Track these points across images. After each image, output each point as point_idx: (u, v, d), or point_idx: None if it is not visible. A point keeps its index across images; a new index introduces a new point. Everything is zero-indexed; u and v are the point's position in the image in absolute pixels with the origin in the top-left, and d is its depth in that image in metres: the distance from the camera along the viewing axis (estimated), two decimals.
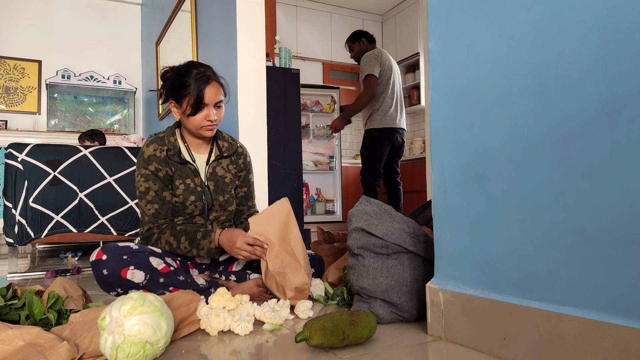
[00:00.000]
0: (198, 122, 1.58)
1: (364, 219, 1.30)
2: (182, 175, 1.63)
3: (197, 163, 1.68)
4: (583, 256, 0.84)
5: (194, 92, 1.54)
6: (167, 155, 1.61)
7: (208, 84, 1.57)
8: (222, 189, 1.68)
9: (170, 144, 1.63)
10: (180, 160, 1.63)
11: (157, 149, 1.61)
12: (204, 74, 1.58)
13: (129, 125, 5.44)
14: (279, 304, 1.35)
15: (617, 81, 0.79)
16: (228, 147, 1.74)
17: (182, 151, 1.66)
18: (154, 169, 1.58)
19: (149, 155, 1.60)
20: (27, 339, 0.94)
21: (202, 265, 1.70)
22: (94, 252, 1.44)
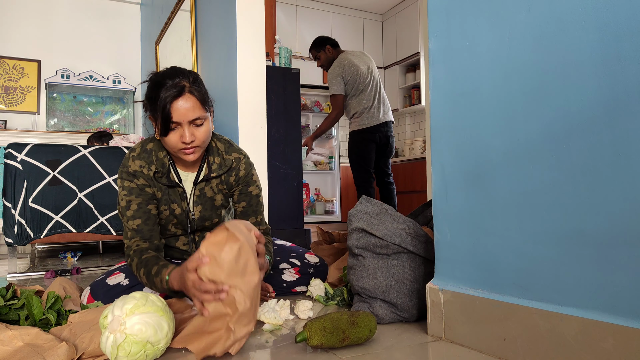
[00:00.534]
0: (173, 145, 1.30)
1: (364, 219, 1.30)
2: (168, 200, 1.42)
3: (185, 184, 1.45)
4: (583, 256, 0.84)
5: (160, 109, 1.26)
6: (154, 176, 1.38)
7: (177, 99, 1.26)
8: (210, 214, 1.49)
9: (159, 162, 1.39)
10: (168, 182, 1.40)
11: (143, 166, 1.38)
12: (177, 85, 1.27)
13: (129, 125, 5.44)
14: (279, 304, 1.35)
15: (617, 81, 0.79)
16: (219, 165, 1.45)
17: (170, 171, 1.42)
18: (140, 184, 1.37)
19: (135, 171, 1.38)
20: (26, 339, 0.94)
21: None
22: (84, 294, 1.36)
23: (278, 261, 1.66)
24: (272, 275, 1.63)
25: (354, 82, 3.40)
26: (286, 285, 1.63)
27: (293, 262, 1.66)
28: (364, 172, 3.46)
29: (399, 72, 6.10)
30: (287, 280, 1.63)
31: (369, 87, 3.43)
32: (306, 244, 3.17)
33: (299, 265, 1.65)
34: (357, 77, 3.40)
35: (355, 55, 3.49)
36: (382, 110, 3.45)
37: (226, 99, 2.65)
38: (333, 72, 3.41)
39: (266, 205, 2.55)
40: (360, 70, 3.41)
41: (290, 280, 1.63)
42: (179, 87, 1.27)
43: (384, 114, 3.45)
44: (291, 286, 1.63)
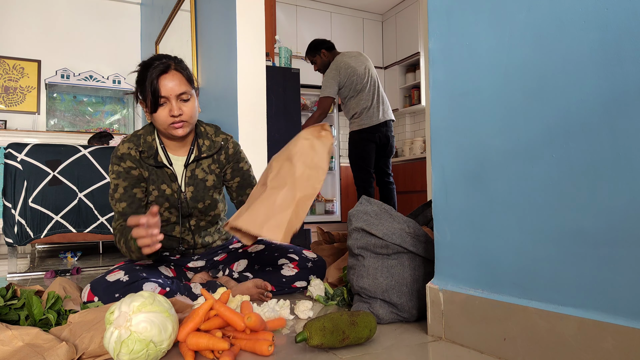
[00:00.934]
0: (162, 120, 1.40)
1: (364, 219, 1.30)
2: (156, 180, 1.49)
3: (175, 167, 1.53)
4: (583, 256, 0.84)
5: (149, 85, 1.37)
6: (140, 157, 1.47)
7: (164, 75, 1.37)
8: (203, 195, 1.55)
9: (146, 145, 1.48)
10: (156, 163, 1.48)
11: (131, 147, 1.48)
12: (164, 63, 1.39)
13: (129, 125, 5.44)
14: (279, 304, 1.35)
15: (617, 81, 0.79)
16: (209, 146, 1.55)
17: (159, 153, 1.51)
18: (127, 167, 1.46)
19: (123, 154, 1.47)
20: (26, 339, 0.94)
21: (197, 268, 1.69)
22: (84, 291, 1.37)
23: (276, 257, 1.68)
24: (271, 271, 1.65)
25: (350, 83, 3.39)
26: (285, 280, 1.63)
27: (291, 257, 1.67)
28: (363, 172, 3.45)
29: (399, 72, 6.10)
30: (286, 275, 1.64)
31: (367, 88, 3.41)
32: (306, 244, 3.17)
33: (297, 259, 1.67)
34: (353, 78, 3.39)
35: (352, 57, 3.47)
36: (382, 110, 3.43)
37: (226, 99, 2.65)
38: (328, 74, 3.42)
39: None
40: (356, 71, 3.40)
41: (289, 275, 1.64)
42: (165, 65, 1.39)
43: (383, 113, 3.44)
44: (291, 281, 1.64)
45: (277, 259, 1.68)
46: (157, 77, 1.37)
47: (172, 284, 1.44)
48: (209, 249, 1.70)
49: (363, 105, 3.40)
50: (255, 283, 1.55)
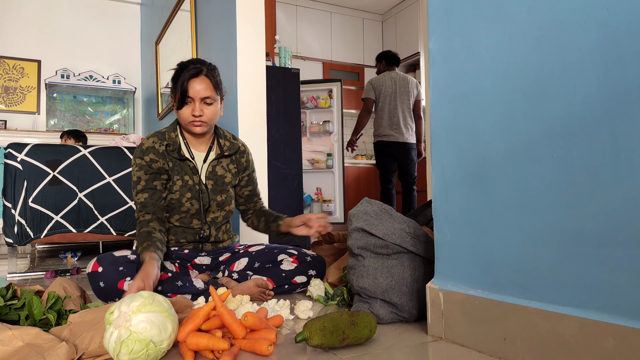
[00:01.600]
0: (185, 117, 1.56)
1: (364, 219, 1.30)
2: (180, 171, 1.62)
3: (196, 161, 1.66)
4: (583, 256, 0.84)
5: (179, 85, 1.53)
6: (165, 150, 1.60)
7: (195, 78, 1.54)
8: (221, 189, 1.67)
9: (170, 139, 1.62)
10: (179, 156, 1.61)
11: (156, 142, 1.61)
12: (198, 68, 1.55)
13: (129, 125, 5.44)
14: (279, 304, 1.35)
15: (617, 81, 0.79)
16: (230, 147, 1.71)
17: (182, 147, 1.65)
18: (149, 160, 1.58)
19: (148, 147, 1.59)
20: (26, 339, 0.94)
21: (202, 266, 1.70)
22: (90, 263, 1.43)
23: (276, 254, 1.71)
24: (270, 267, 1.67)
25: (379, 99, 3.98)
26: (285, 275, 1.65)
27: (290, 252, 1.71)
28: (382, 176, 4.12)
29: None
30: (285, 269, 1.66)
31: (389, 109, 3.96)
32: (306, 244, 3.17)
33: (296, 254, 1.70)
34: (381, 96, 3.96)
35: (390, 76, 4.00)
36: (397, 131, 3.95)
37: (226, 99, 2.65)
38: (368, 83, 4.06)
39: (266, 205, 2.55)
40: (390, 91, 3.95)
41: (288, 270, 1.66)
42: (197, 69, 1.55)
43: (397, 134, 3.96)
44: (290, 276, 1.65)
45: (277, 255, 1.70)
46: (189, 79, 1.53)
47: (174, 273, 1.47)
48: (217, 248, 1.73)
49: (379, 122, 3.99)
50: (256, 282, 1.55)
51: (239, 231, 2.45)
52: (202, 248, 1.70)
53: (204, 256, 1.71)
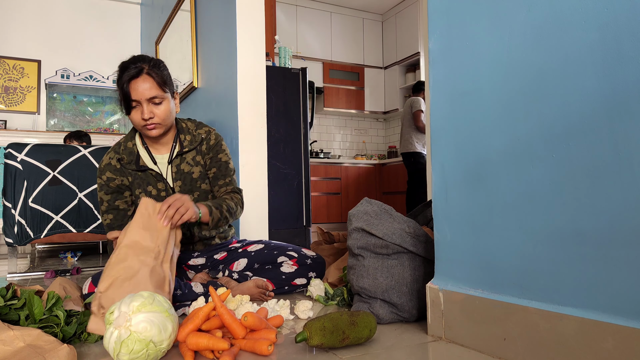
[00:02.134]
0: (136, 122, 1.46)
1: (364, 219, 1.30)
2: (142, 183, 1.55)
3: (160, 165, 1.57)
4: (583, 256, 0.84)
5: (120, 89, 1.43)
6: (121, 165, 1.53)
7: (135, 79, 1.41)
8: (191, 187, 1.59)
9: (126, 151, 1.54)
10: (137, 167, 1.53)
11: (112, 158, 1.54)
12: (136, 67, 1.42)
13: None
14: (279, 304, 1.35)
15: (617, 81, 0.79)
16: (190, 140, 1.59)
17: (142, 156, 1.55)
18: (106, 179, 1.54)
19: (105, 165, 1.54)
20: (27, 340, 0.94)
21: (198, 266, 1.69)
22: (86, 284, 1.38)
23: (276, 255, 1.69)
24: (270, 269, 1.66)
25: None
26: (285, 277, 1.64)
27: (290, 254, 1.69)
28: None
29: (399, 72, 6.09)
30: (285, 272, 1.65)
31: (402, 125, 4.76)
32: (306, 244, 3.17)
33: (296, 256, 1.68)
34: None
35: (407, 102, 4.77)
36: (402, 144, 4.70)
37: (226, 99, 2.65)
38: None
39: (266, 205, 2.55)
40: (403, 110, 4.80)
41: (288, 272, 1.65)
42: (137, 69, 1.42)
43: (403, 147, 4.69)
44: (290, 278, 1.65)
45: (277, 257, 1.68)
46: (128, 81, 1.41)
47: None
48: (209, 246, 1.70)
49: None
50: (256, 283, 1.55)
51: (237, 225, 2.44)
52: (193, 249, 1.67)
53: (198, 257, 1.69)
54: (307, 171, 3.24)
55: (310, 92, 3.57)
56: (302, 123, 3.27)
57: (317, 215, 5.36)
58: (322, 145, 6.16)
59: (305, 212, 3.22)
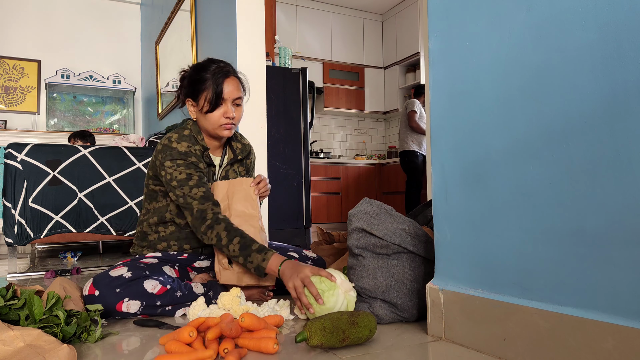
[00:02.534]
0: (216, 120, 1.50)
1: (364, 219, 1.30)
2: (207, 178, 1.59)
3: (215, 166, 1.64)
4: (583, 256, 0.84)
5: (212, 86, 1.47)
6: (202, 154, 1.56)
7: (227, 78, 1.50)
8: None
9: (200, 144, 1.56)
10: (209, 161, 1.58)
11: (190, 146, 1.53)
12: (223, 68, 1.51)
13: (129, 125, 5.44)
14: (278, 304, 1.35)
15: (617, 80, 0.79)
16: (242, 149, 1.67)
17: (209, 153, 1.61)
18: (194, 160, 1.51)
19: (186, 151, 1.51)
20: (27, 340, 0.94)
21: (202, 268, 1.69)
22: (86, 286, 1.37)
23: None
24: None
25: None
26: None
27: (291, 255, 1.68)
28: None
29: (399, 72, 6.10)
30: None
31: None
32: (306, 244, 3.17)
33: (297, 257, 1.68)
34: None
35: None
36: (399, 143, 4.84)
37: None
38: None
39: (266, 205, 2.56)
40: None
41: None
42: (227, 69, 1.52)
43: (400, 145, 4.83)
44: None
45: None
46: (222, 79, 1.49)
47: (173, 282, 1.44)
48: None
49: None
50: None
51: None
52: (202, 252, 1.68)
53: (204, 259, 1.69)
54: (307, 171, 3.24)
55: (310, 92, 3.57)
56: (302, 123, 3.27)
57: (317, 215, 5.36)
58: (322, 145, 6.16)
59: (305, 212, 3.22)
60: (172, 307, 1.38)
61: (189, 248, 1.64)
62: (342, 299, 1.19)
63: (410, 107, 4.71)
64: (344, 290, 1.20)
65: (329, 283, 1.19)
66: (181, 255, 1.64)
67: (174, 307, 1.39)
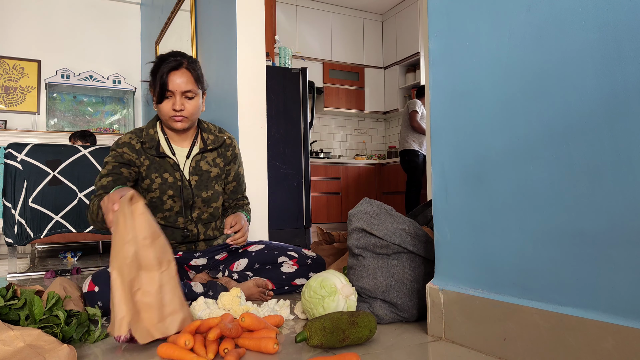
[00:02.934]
0: (166, 112, 1.51)
1: (364, 219, 1.30)
2: (159, 169, 1.57)
3: (178, 157, 1.61)
4: (583, 256, 0.84)
5: (159, 78, 1.48)
6: (142, 147, 1.56)
7: (175, 71, 1.48)
8: (206, 185, 1.62)
9: (147, 137, 1.58)
10: (157, 153, 1.57)
11: (133, 138, 1.57)
12: (174, 61, 1.49)
13: (129, 125, 5.44)
14: (278, 304, 1.35)
15: (617, 80, 0.79)
16: (214, 140, 1.66)
17: (162, 144, 1.60)
18: (121, 152, 1.54)
19: (123, 142, 1.56)
20: (27, 340, 0.94)
21: (199, 266, 1.69)
22: (86, 282, 1.38)
23: (276, 255, 1.70)
24: (271, 269, 1.66)
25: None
26: (285, 277, 1.65)
27: (291, 254, 1.69)
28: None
29: (399, 72, 6.10)
30: (285, 272, 1.65)
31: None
32: (306, 244, 3.17)
33: (297, 257, 1.69)
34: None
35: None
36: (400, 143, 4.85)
37: (226, 99, 2.65)
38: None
39: (266, 205, 2.56)
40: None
41: (289, 272, 1.65)
42: (177, 62, 1.50)
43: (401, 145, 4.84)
44: (290, 278, 1.65)
45: (277, 257, 1.69)
46: (168, 72, 1.48)
47: None
48: (211, 247, 1.71)
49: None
50: (256, 282, 1.55)
51: None
52: (195, 249, 1.67)
53: (200, 257, 1.69)
54: (307, 171, 3.24)
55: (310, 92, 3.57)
56: (302, 123, 3.27)
57: (317, 215, 5.36)
58: (322, 145, 6.16)
59: (305, 212, 3.22)
60: None
61: (176, 243, 1.63)
62: (342, 304, 1.19)
63: (411, 107, 4.72)
64: (344, 295, 1.20)
65: (330, 288, 1.19)
66: (176, 254, 1.64)
67: None
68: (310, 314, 1.21)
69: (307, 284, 1.24)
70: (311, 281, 1.23)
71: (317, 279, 1.22)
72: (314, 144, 6.03)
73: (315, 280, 1.22)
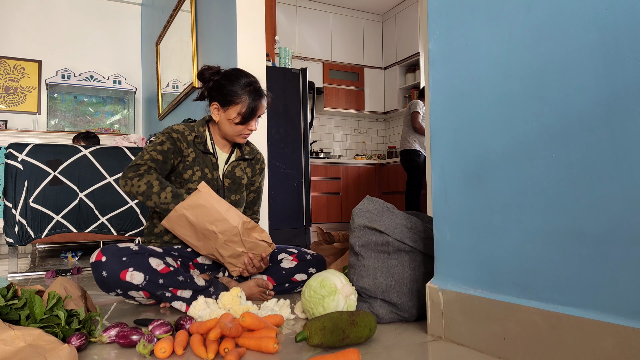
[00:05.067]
0: (239, 130, 1.65)
1: (367, 217, 1.30)
2: (201, 163, 1.66)
3: (218, 158, 1.72)
4: (583, 256, 0.84)
5: (248, 105, 1.60)
6: (193, 140, 1.66)
7: (262, 98, 1.65)
8: (236, 189, 1.72)
9: (199, 132, 1.69)
10: (204, 149, 1.67)
11: (186, 130, 1.66)
12: (256, 87, 1.64)
13: (129, 125, 5.44)
14: (278, 304, 1.35)
15: (617, 80, 0.79)
16: (250, 152, 1.80)
17: (208, 142, 1.71)
18: (176, 137, 1.62)
19: (178, 130, 1.65)
20: (28, 340, 0.94)
21: (204, 265, 1.70)
22: (94, 253, 1.43)
23: (276, 253, 1.73)
24: (270, 266, 1.68)
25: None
26: (285, 273, 1.66)
27: (290, 251, 1.73)
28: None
29: (399, 72, 6.10)
30: (285, 267, 1.67)
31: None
32: (306, 244, 3.17)
33: (296, 252, 1.72)
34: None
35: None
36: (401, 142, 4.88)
37: None
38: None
39: (266, 205, 2.56)
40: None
41: (288, 268, 1.67)
42: (261, 90, 1.66)
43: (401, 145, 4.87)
44: (290, 274, 1.67)
45: (277, 255, 1.72)
46: (260, 98, 1.64)
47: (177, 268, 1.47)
48: None
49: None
50: (256, 282, 1.56)
51: None
52: None
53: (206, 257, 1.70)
54: (307, 171, 3.24)
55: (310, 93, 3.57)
56: (302, 123, 3.27)
57: (317, 215, 5.36)
58: (322, 145, 6.16)
59: (305, 212, 3.22)
60: (172, 293, 1.41)
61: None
62: (342, 304, 1.19)
63: (413, 108, 4.72)
64: (344, 295, 1.20)
65: (330, 288, 1.19)
66: (185, 249, 1.66)
67: (173, 295, 1.42)
68: (311, 314, 1.21)
69: (307, 284, 1.24)
70: (311, 281, 1.23)
71: (317, 278, 1.23)
72: (314, 144, 6.03)
73: (316, 280, 1.22)
